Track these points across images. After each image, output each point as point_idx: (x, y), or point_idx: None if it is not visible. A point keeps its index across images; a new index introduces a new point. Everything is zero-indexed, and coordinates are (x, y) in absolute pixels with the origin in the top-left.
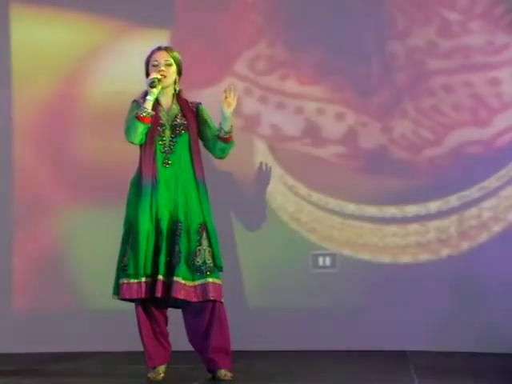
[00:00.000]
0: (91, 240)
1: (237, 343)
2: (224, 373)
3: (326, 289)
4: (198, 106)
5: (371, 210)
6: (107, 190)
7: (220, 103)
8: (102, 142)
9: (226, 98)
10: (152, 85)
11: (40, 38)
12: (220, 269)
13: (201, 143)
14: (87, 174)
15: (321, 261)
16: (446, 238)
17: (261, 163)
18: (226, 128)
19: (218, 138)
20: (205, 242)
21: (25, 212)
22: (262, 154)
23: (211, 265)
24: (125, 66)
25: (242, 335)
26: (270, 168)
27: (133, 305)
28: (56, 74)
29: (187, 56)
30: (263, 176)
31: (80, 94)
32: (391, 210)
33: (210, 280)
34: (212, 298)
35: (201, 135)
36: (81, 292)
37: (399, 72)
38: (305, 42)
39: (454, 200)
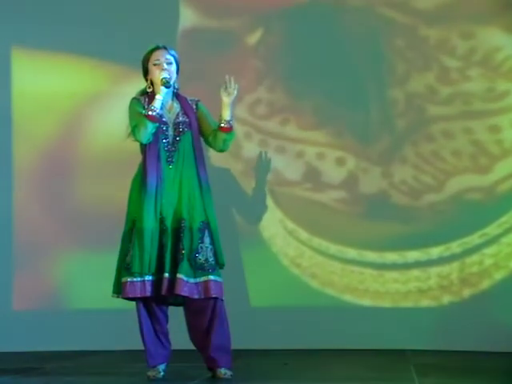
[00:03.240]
0: (90, 284)
1: (236, 341)
2: (224, 371)
3: (326, 288)
4: (197, 102)
5: (372, 256)
6: (107, 234)
7: (220, 92)
8: (102, 187)
9: (225, 87)
10: (167, 84)
11: (41, 82)
12: (222, 266)
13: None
14: (87, 219)
15: None
16: (447, 284)
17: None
18: (227, 117)
19: (219, 128)
20: (207, 240)
21: (25, 256)
22: (262, 198)
23: (213, 262)
24: (126, 110)
25: (241, 334)
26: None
27: (132, 304)
28: (57, 118)
29: None
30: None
31: (81, 139)
32: (392, 256)
33: (212, 278)
34: (214, 296)
35: (201, 131)
36: (80, 291)
37: (399, 117)
38: (305, 87)
39: (455, 246)
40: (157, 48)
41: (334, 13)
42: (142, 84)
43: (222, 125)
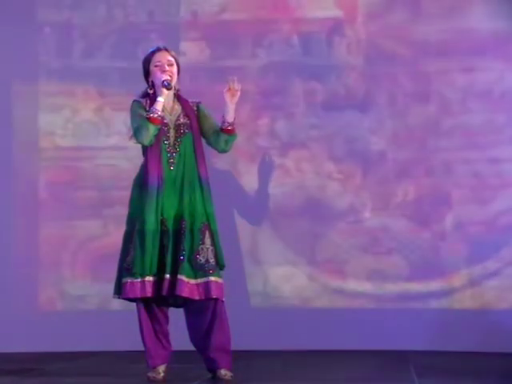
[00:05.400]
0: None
1: (237, 342)
2: (224, 372)
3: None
4: (198, 104)
5: (372, 288)
6: (107, 263)
7: (223, 94)
8: (102, 215)
9: (229, 88)
10: (169, 86)
11: (42, 111)
12: (222, 267)
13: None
14: (87, 246)
15: None
16: None
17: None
18: (230, 119)
19: (222, 130)
20: (208, 241)
21: (24, 257)
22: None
23: (214, 263)
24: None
25: (241, 334)
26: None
27: (132, 304)
28: (57, 149)
29: None
30: None
31: (82, 167)
32: (393, 288)
33: (213, 279)
34: (214, 297)
35: (203, 132)
36: (80, 291)
37: (400, 149)
38: (305, 118)
39: (455, 279)
40: (158, 50)
41: (334, 44)
42: None
43: (225, 126)
